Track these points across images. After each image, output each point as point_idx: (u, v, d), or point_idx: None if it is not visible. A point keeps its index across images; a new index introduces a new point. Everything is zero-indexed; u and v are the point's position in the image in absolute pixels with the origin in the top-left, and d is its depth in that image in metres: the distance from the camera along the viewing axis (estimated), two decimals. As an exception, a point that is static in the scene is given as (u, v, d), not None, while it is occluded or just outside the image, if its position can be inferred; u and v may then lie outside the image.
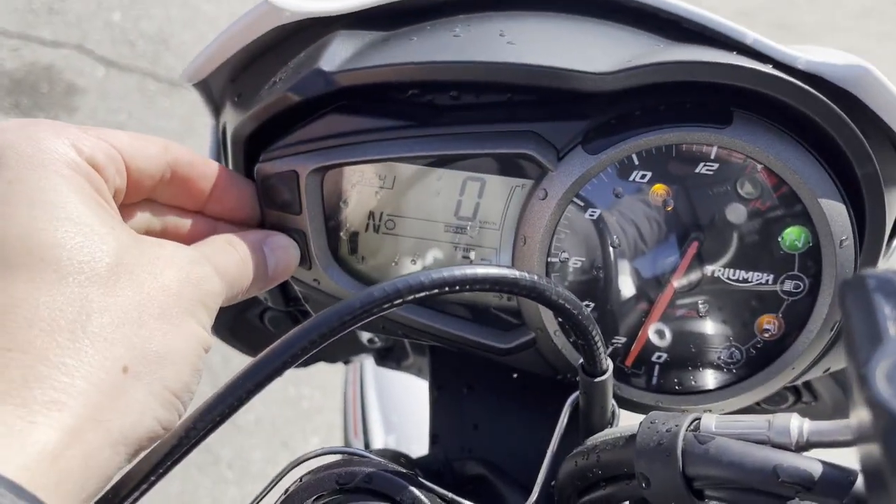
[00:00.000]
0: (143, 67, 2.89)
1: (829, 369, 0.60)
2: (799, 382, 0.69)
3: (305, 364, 0.90)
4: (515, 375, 0.66)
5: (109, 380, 0.38)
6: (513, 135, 0.54)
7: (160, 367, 0.40)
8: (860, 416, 0.27)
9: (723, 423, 0.44)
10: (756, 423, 0.43)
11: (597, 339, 0.46)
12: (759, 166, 0.52)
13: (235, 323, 0.77)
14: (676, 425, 0.44)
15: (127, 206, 0.50)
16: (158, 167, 0.51)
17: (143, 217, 0.52)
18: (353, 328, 0.39)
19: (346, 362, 0.93)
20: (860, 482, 0.39)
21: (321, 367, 2.24)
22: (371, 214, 0.58)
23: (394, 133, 0.55)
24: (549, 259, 0.56)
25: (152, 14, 3.04)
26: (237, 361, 2.08)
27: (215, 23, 3.01)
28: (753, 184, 0.53)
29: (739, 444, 0.42)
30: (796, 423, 0.42)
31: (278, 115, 0.56)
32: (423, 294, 0.40)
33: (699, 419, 0.45)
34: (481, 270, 0.41)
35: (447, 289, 0.40)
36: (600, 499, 0.49)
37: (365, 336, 0.83)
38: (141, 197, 0.51)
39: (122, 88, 2.83)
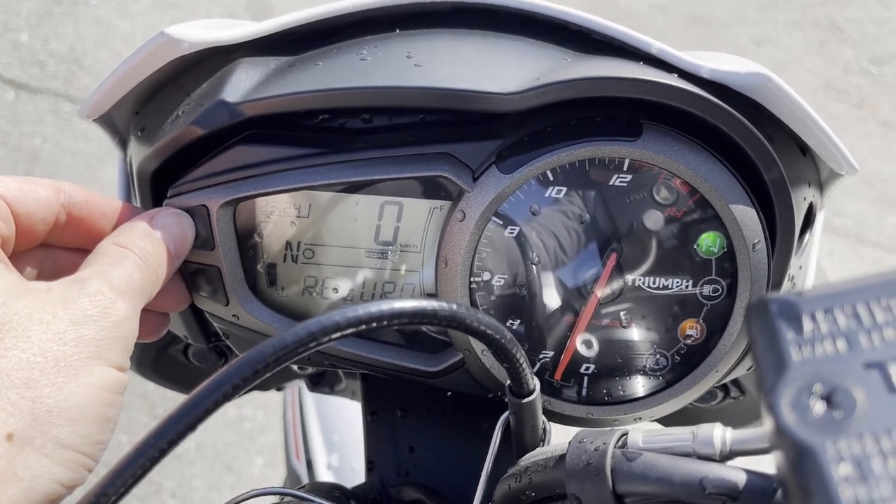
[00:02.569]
0: (55, 89, 2.78)
1: (752, 367, 0.61)
2: (729, 380, 0.71)
3: (238, 395, 0.88)
4: (449, 394, 0.65)
5: None
6: (427, 157, 0.53)
7: (52, 426, 0.38)
8: (773, 448, 0.27)
9: (649, 438, 0.44)
10: (681, 435, 0.43)
11: (521, 360, 0.46)
12: (674, 177, 0.52)
13: (159, 359, 0.75)
14: (604, 443, 0.44)
15: (18, 255, 0.47)
16: (51, 211, 0.48)
17: (37, 264, 0.49)
18: (261, 379, 0.38)
19: (279, 389, 0.91)
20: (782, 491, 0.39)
21: (261, 387, 2.20)
22: (288, 245, 0.57)
23: (305, 161, 0.54)
24: (472, 279, 0.55)
25: (62, 33, 2.93)
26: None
27: (130, 40, 2.92)
28: (668, 192, 0.53)
29: (667, 458, 0.42)
30: (719, 434, 0.42)
31: (184, 148, 0.54)
32: (338, 335, 0.39)
33: (626, 435, 0.45)
34: (398, 305, 0.40)
35: (364, 327, 0.39)
36: (535, 521, 0.48)
37: (295, 365, 0.81)
38: (34, 243, 0.48)
39: (35, 111, 2.72)
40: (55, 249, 0.51)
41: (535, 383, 0.49)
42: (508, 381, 0.49)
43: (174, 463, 2.08)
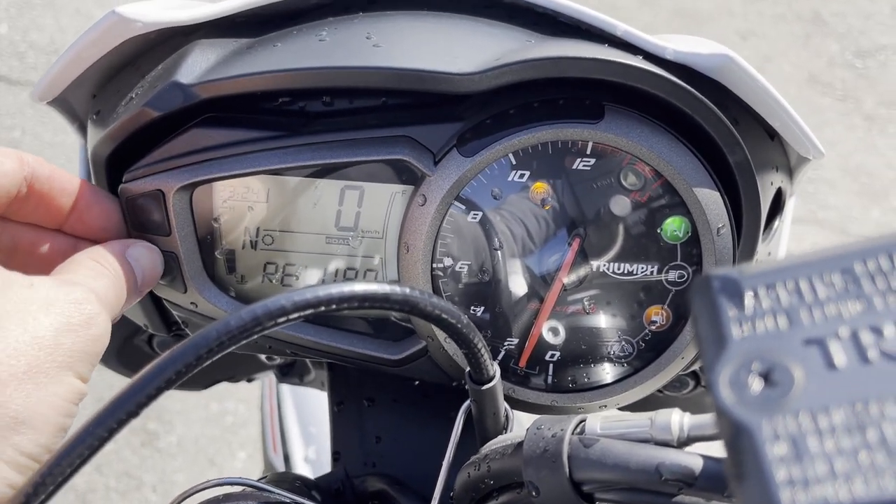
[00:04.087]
0: (35, 81, 2.75)
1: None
2: (697, 367, 0.70)
3: (206, 386, 0.87)
4: (417, 383, 0.64)
5: None
6: (387, 140, 0.52)
7: (15, 433, 0.37)
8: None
9: (607, 424, 0.43)
10: (639, 421, 0.42)
11: (479, 346, 0.45)
12: (637, 161, 0.51)
13: (123, 350, 0.73)
14: (562, 430, 0.43)
15: None
16: (13, 182, 0.47)
17: None
18: (205, 364, 0.37)
19: (249, 380, 0.90)
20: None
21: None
22: (247, 230, 0.56)
23: (264, 144, 0.53)
24: (433, 265, 0.54)
25: (42, 24, 2.90)
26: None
27: (111, 31, 2.88)
28: (633, 177, 0.52)
29: (624, 444, 0.41)
30: (677, 419, 0.41)
31: (139, 131, 0.53)
32: (284, 320, 0.38)
33: (584, 421, 0.44)
34: (347, 288, 0.39)
35: (311, 311, 0.38)
36: (494, 511, 0.48)
37: (263, 354, 0.80)
38: None
39: (14, 103, 2.69)
40: (11, 224, 0.49)
41: (496, 370, 0.48)
42: (468, 368, 0.48)
43: (156, 457, 2.07)
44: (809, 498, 0.21)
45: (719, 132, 0.50)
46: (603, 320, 0.56)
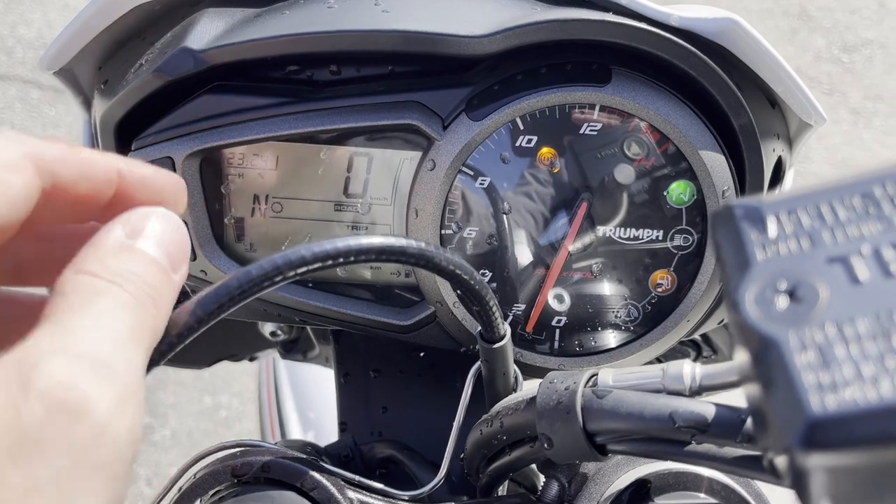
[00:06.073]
0: (23, 75, 2.73)
1: (723, 321, 0.61)
2: (697, 336, 0.71)
3: (209, 364, 0.87)
4: (423, 354, 0.65)
5: None
6: (396, 106, 0.52)
7: None
8: (739, 346, 0.27)
9: (619, 376, 0.44)
10: (650, 372, 0.43)
11: (492, 304, 0.45)
12: (643, 124, 0.52)
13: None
14: (574, 382, 0.44)
15: None
16: (27, 203, 0.30)
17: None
18: (228, 313, 0.37)
19: (252, 359, 0.90)
20: (752, 421, 0.39)
21: (237, 374, 2.18)
22: (256, 198, 0.56)
23: (272, 111, 0.53)
24: (442, 231, 0.55)
25: (30, 19, 2.88)
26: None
27: (99, 25, 2.87)
28: (638, 142, 0.53)
29: (636, 394, 0.42)
30: (688, 370, 0.42)
31: (148, 99, 0.53)
32: (305, 269, 0.38)
33: (596, 375, 0.44)
34: (366, 240, 0.40)
35: (331, 262, 0.39)
36: (506, 465, 0.48)
37: (267, 329, 0.81)
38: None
39: (3, 98, 2.67)
40: (28, 238, 0.33)
41: (507, 328, 0.48)
42: (479, 328, 0.49)
43: (150, 450, 2.06)
44: (838, 400, 0.22)
45: (724, 96, 0.51)
46: (609, 285, 0.57)
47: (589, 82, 0.51)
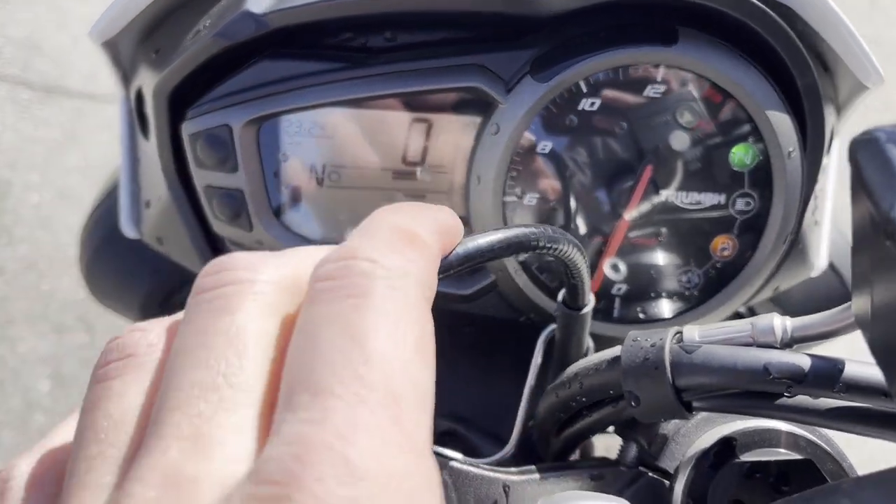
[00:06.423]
0: (13, 75, 2.70)
1: (777, 288, 0.61)
2: (744, 308, 0.71)
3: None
4: (468, 330, 0.64)
5: None
6: (457, 69, 0.52)
7: None
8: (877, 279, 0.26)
9: (706, 332, 0.43)
10: (738, 326, 0.42)
11: (585, 271, 0.44)
12: (706, 85, 0.52)
13: (164, 307, 0.72)
14: (661, 339, 0.43)
15: None
16: None
17: None
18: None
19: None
20: (849, 370, 0.39)
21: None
22: (313, 167, 0.55)
23: (330, 76, 0.52)
24: (504, 198, 0.54)
25: (19, 19, 2.84)
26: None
27: (89, 22, 2.84)
28: (702, 104, 0.53)
29: (726, 348, 0.41)
30: (779, 322, 0.42)
31: (202, 67, 0.52)
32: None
33: (681, 332, 0.44)
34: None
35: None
36: (585, 428, 0.48)
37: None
38: None
39: (-8, 100, 2.63)
40: None
41: (591, 298, 0.48)
42: (562, 294, 0.48)
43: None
44: None
45: (791, 54, 0.50)
46: (668, 252, 0.57)
47: (655, 42, 0.50)
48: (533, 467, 0.48)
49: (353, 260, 0.24)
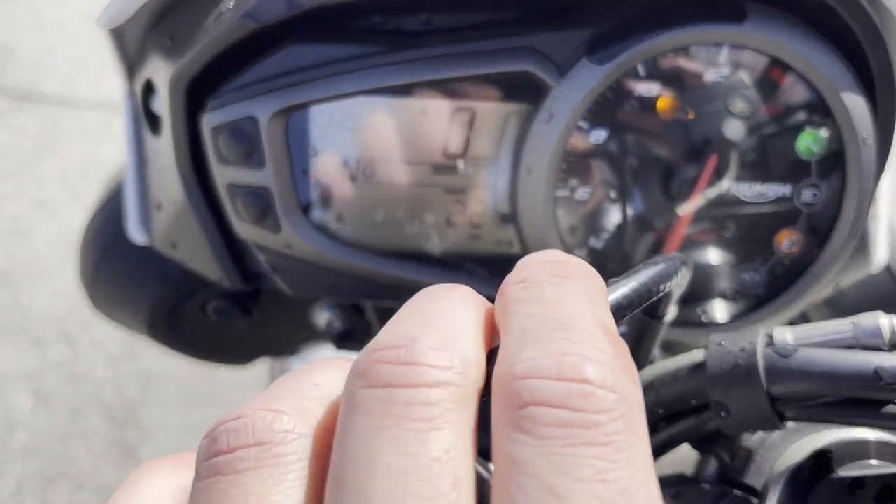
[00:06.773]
0: (-13, 82, 2.61)
1: (837, 284, 0.57)
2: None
3: (250, 360, 0.80)
4: None
5: None
6: (505, 52, 0.47)
7: None
8: None
9: (800, 333, 0.39)
10: (838, 327, 0.38)
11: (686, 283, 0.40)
12: (772, 67, 0.48)
13: (172, 318, 0.67)
14: (751, 343, 0.39)
15: None
16: None
17: None
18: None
19: (293, 352, 0.84)
20: None
21: (233, 385, 2.09)
22: (345, 162, 0.51)
23: (364, 62, 0.48)
24: (556, 192, 0.50)
25: (-9, 24, 2.76)
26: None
27: (65, 27, 2.77)
28: (766, 87, 0.49)
29: (826, 351, 0.37)
30: (886, 322, 0.38)
31: (224, 54, 0.48)
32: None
33: (771, 334, 0.40)
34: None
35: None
36: (658, 444, 0.43)
37: (322, 320, 0.75)
38: None
39: (-35, 107, 2.54)
40: None
41: (674, 309, 0.44)
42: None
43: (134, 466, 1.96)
44: None
45: (866, 32, 0.47)
46: (730, 248, 0.53)
47: (722, 19, 0.46)
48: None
49: (582, 384, 0.17)
